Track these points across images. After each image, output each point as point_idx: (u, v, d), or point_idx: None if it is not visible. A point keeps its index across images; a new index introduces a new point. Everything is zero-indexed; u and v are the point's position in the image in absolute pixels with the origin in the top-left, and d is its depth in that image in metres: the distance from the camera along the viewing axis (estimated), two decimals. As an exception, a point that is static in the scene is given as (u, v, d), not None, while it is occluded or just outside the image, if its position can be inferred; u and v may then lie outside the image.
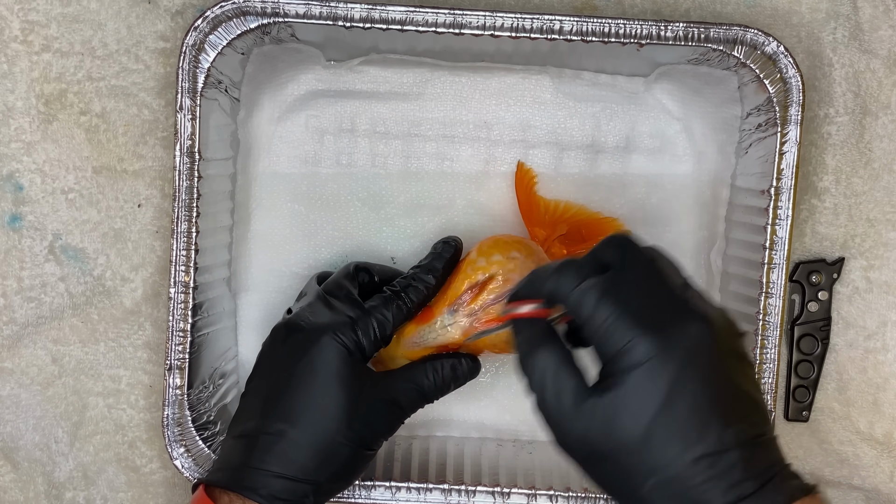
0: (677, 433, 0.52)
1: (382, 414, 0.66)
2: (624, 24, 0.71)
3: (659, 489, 0.52)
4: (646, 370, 0.52)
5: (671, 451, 0.52)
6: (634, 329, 0.53)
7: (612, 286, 0.55)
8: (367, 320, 0.67)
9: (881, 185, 0.80)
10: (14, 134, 0.78)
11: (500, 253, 0.70)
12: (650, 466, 0.52)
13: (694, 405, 0.52)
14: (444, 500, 0.74)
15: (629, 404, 0.52)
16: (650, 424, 0.52)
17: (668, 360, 0.52)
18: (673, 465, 0.52)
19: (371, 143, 0.79)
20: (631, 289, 0.55)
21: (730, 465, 0.52)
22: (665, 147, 0.79)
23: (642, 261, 0.57)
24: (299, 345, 0.66)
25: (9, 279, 0.79)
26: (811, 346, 0.80)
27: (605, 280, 0.55)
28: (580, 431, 0.54)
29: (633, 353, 0.52)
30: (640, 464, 0.52)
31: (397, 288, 0.69)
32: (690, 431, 0.52)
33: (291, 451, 0.63)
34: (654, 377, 0.52)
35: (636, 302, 0.54)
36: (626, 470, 0.53)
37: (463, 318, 0.70)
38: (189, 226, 0.72)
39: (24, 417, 0.80)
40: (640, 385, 0.52)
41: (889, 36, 0.79)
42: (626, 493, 0.54)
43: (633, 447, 0.52)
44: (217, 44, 0.71)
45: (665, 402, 0.52)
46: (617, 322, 0.53)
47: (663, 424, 0.52)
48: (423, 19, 0.70)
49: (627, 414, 0.52)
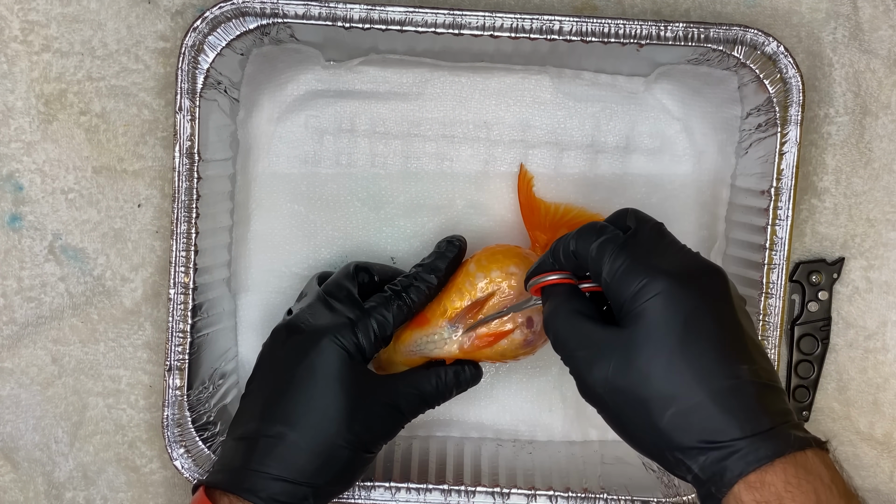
0: (696, 363, 0.54)
1: (382, 417, 0.66)
2: (623, 25, 0.71)
3: (678, 418, 0.54)
4: (662, 302, 0.55)
5: (691, 380, 0.54)
6: (649, 270, 0.56)
7: (628, 240, 0.59)
8: (367, 321, 0.67)
9: (881, 185, 0.80)
10: (14, 134, 0.78)
11: (498, 268, 0.70)
12: (670, 395, 0.54)
13: (712, 337, 0.55)
14: (444, 500, 0.74)
15: (649, 336, 0.55)
16: (670, 355, 0.54)
17: (685, 294, 0.55)
18: (692, 394, 0.53)
19: (371, 143, 0.79)
20: (646, 242, 0.59)
21: (748, 398, 0.53)
22: (665, 147, 0.79)
23: (655, 226, 0.61)
24: (299, 347, 0.66)
25: (9, 279, 0.79)
26: (811, 346, 0.80)
27: (621, 236, 0.59)
28: (602, 372, 0.56)
29: (648, 288, 0.55)
30: (659, 393, 0.54)
31: (398, 287, 0.69)
32: (710, 362, 0.54)
33: (291, 454, 0.63)
34: (671, 309, 0.55)
35: (651, 252, 0.58)
36: (645, 402, 0.55)
37: (462, 335, 0.70)
38: (189, 227, 0.72)
39: (24, 417, 0.80)
40: (658, 317, 0.55)
41: (889, 36, 0.79)
42: (647, 427, 0.55)
43: (653, 378, 0.54)
44: (216, 45, 0.71)
45: (683, 333, 0.54)
46: (632, 266, 0.57)
47: (682, 355, 0.54)
48: (422, 20, 0.70)
49: (648, 345, 0.55)
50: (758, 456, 0.52)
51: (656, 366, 0.54)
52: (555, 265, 0.63)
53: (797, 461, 0.52)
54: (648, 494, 0.74)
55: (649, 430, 0.55)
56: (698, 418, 0.53)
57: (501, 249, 0.72)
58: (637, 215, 0.62)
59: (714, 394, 0.53)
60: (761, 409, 0.53)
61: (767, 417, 0.53)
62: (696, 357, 0.54)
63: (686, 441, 0.54)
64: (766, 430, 0.53)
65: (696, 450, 0.53)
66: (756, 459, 0.52)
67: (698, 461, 0.53)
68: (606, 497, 0.74)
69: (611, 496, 0.74)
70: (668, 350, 0.54)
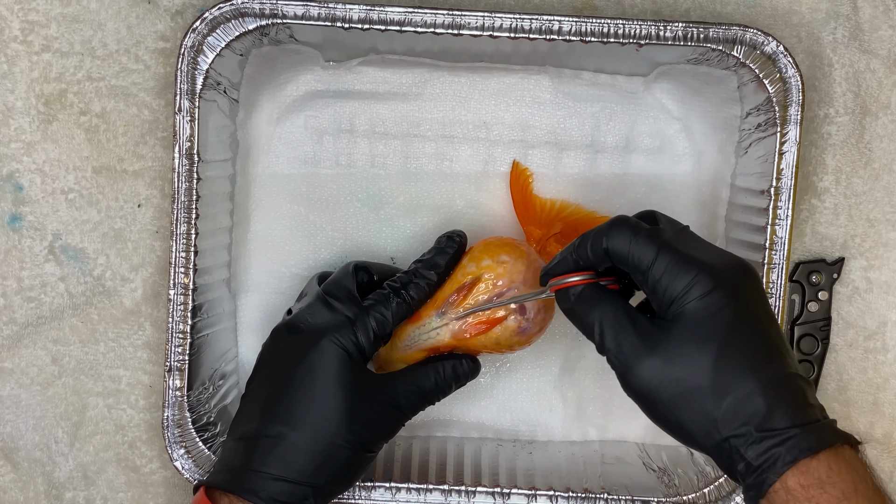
0: (747, 355, 0.57)
1: (382, 416, 0.66)
2: (623, 25, 0.71)
3: (733, 409, 0.56)
4: (714, 297, 0.57)
5: (744, 371, 0.56)
6: (699, 266, 0.58)
7: (667, 237, 0.60)
8: (366, 319, 0.67)
9: (881, 185, 0.80)
10: (14, 134, 0.78)
11: (490, 257, 0.70)
12: (725, 387, 0.56)
13: (758, 331, 0.58)
14: (444, 500, 0.74)
15: (702, 329, 0.57)
16: (722, 347, 0.57)
17: (732, 289, 0.58)
18: (747, 384, 0.56)
19: (370, 143, 0.79)
20: (683, 239, 0.61)
21: (795, 390, 0.57)
22: (665, 147, 0.79)
23: (684, 227, 0.63)
24: (299, 347, 0.66)
25: (9, 279, 0.79)
26: (811, 347, 0.80)
27: (659, 231, 0.61)
28: (654, 364, 0.58)
29: (700, 284, 0.57)
30: (715, 383, 0.56)
31: (397, 284, 0.69)
32: (759, 353, 0.57)
33: (291, 454, 0.63)
34: (722, 303, 0.57)
35: (691, 249, 0.60)
36: (700, 392, 0.57)
37: (452, 321, 0.70)
38: (188, 227, 0.72)
39: (24, 417, 0.80)
40: (712, 311, 0.57)
41: (889, 36, 0.79)
42: (701, 417, 0.57)
43: (708, 369, 0.56)
44: (216, 45, 0.71)
45: (732, 326, 0.57)
46: (680, 264, 0.58)
47: (734, 346, 0.57)
48: (421, 20, 0.70)
49: (701, 338, 0.57)
50: (809, 444, 0.55)
51: (710, 357, 0.56)
52: (578, 262, 0.64)
53: (838, 452, 0.55)
54: (649, 494, 0.75)
55: (703, 419, 0.57)
56: (754, 407, 0.55)
57: (494, 240, 0.72)
58: (665, 216, 0.64)
59: (766, 384, 0.56)
60: (808, 401, 0.57)
61: (814, 409, 0.57)
62: (747, 349, 0.57)
63: (743, 429, 0.56)
64: (814, 420, 0.56)
65: (750, 437, 0.55)
66: (808, 447, 0.55)
67: (754, 449, 0.55)
68: (607, 497, 0.74)
69: (611, 496, 0.74)
70: (720, 342, 0.57)
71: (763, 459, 0.55)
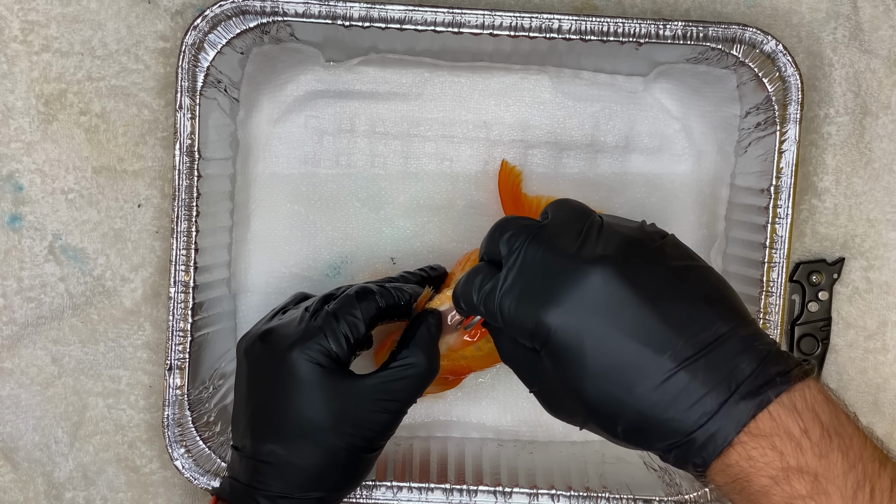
0: (629, 370, 0.53)
1: (374, 413, 0.64)
2: (622, 24, 0.71)
3: (656, 394, 0.53)
4: (558, 335, 0.54)
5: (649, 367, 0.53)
6: (535, 307, 0.55)
7: (503, 283, 0.57)
8: (336, 325, 0.65)
9: (881, 185, 0.80)
10: (14, 134, 0.78)
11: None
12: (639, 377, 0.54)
13: (630, 342, 0.53)
14: (446, 499, 0.74)
15: (567, 363, 0.54)
16: (596, 371, 0.54)
17: (575, 319, 0.54)
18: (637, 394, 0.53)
19: (370, 143, 0.79)
20: (521, 275, 0.57)
21: (688, 380, 0.52)
22: (664, 146, 0.79)
23: (524, 248, 0.57)
24: (272, 361, 0.65)
25: (9, 279, 0.79)
26: (811, 347, 0.80)
27: (496, 280, 0.58)
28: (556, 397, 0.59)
29: (543, 323, 0.54)
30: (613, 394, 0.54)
31: (372, 289, 0.68)
32: (646, 361, 0.53)
33: (288, 472, 0.63)
34: (570, 336, 0.54)
35: (529, 285, 0.56)
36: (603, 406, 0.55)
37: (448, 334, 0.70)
38: (189, 225, 0.72)
39: (24, 417, 0.80)
40: (566, 346, 0.54)
41: (889, 36, 0.79)
42: (634, 412, 0.55)
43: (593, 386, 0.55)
44: (216, 43, 0.71)
45: (598, 345, 0.54)
46: (518, 308, 0.56)
47: (610, 367, 0.53)
48: (421, 18, 0.71)
49: (569, 371, 0.55)
50: (741, 417, 0.52)
51: (585, 379, 0.55)
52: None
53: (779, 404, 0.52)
54: (650, 493, 0.74)
55: (637, 414, 0.55)
56: (653, 414, 0.54)
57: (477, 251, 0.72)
58: (508, 245, 0.59)
59: (659, 388, 0.53)
60: (719, 376, 0.53)
61: (737, 370, 0.53)
62: (630, 362, 0.54)
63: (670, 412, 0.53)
64: (742, 381, 0.52)
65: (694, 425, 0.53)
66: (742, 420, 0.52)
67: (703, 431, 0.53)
68: (608, 496, 0.74)
69: (613, 495, 0.74)
70: (596, 365, 0.54)
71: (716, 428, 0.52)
